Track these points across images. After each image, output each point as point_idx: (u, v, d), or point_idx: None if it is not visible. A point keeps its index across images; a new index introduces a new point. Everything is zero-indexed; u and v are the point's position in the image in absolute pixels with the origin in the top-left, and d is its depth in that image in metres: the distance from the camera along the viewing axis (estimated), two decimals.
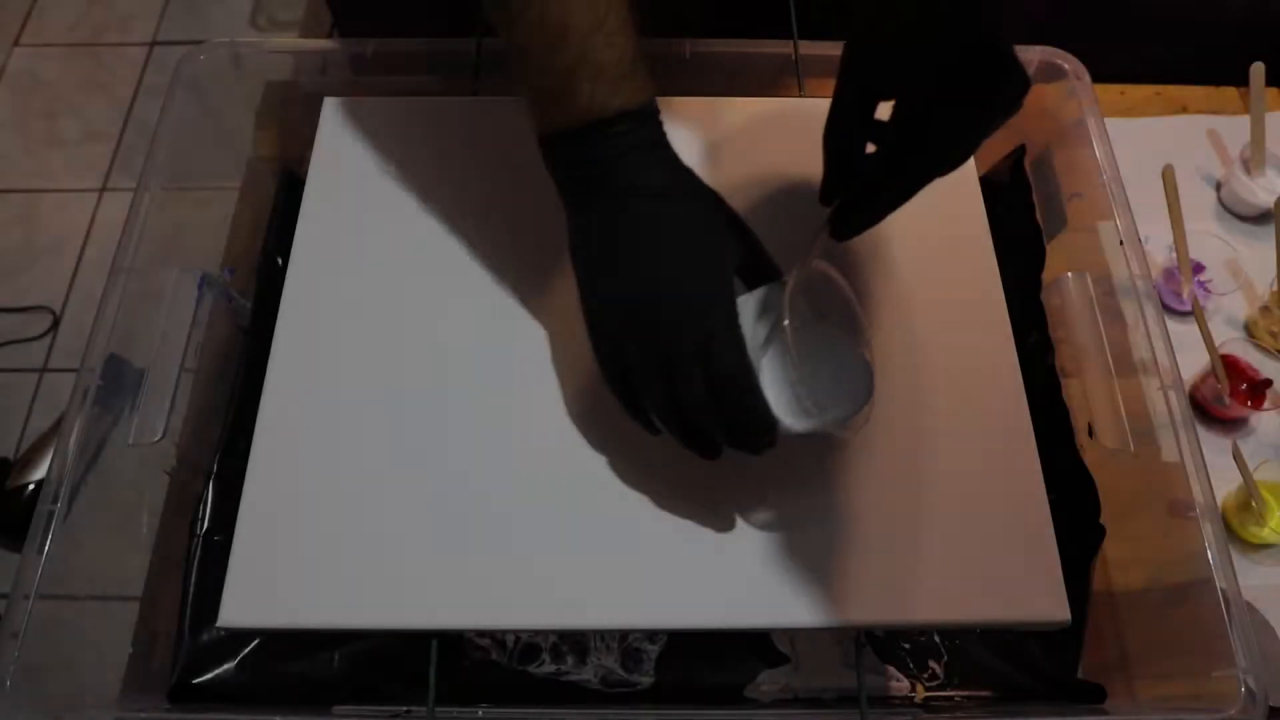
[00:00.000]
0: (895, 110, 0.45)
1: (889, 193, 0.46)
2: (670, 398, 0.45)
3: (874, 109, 0.46)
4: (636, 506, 0.52)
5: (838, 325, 0.50)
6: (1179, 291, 0.79)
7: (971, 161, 0.65)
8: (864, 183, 0.47)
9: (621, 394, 0.48)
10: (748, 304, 0.47)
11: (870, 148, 0.48)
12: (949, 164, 0.45)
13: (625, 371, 0.47)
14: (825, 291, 0.49)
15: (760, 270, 0.49)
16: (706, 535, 0.51)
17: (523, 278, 0.59)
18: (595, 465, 0.53)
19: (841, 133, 0.48)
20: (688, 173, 0.47)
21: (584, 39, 0.43)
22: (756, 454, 0.47)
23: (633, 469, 0.53)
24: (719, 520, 0.52)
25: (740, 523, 0.52)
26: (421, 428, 0.54)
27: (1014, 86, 0.42)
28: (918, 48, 0.43)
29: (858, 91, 0.46)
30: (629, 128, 0.45)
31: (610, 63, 0.44)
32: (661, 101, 0.61)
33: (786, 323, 0.45)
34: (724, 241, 0.47)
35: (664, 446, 0.54)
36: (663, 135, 0.47)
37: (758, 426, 0.45)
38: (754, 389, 0.45)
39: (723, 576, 0.50)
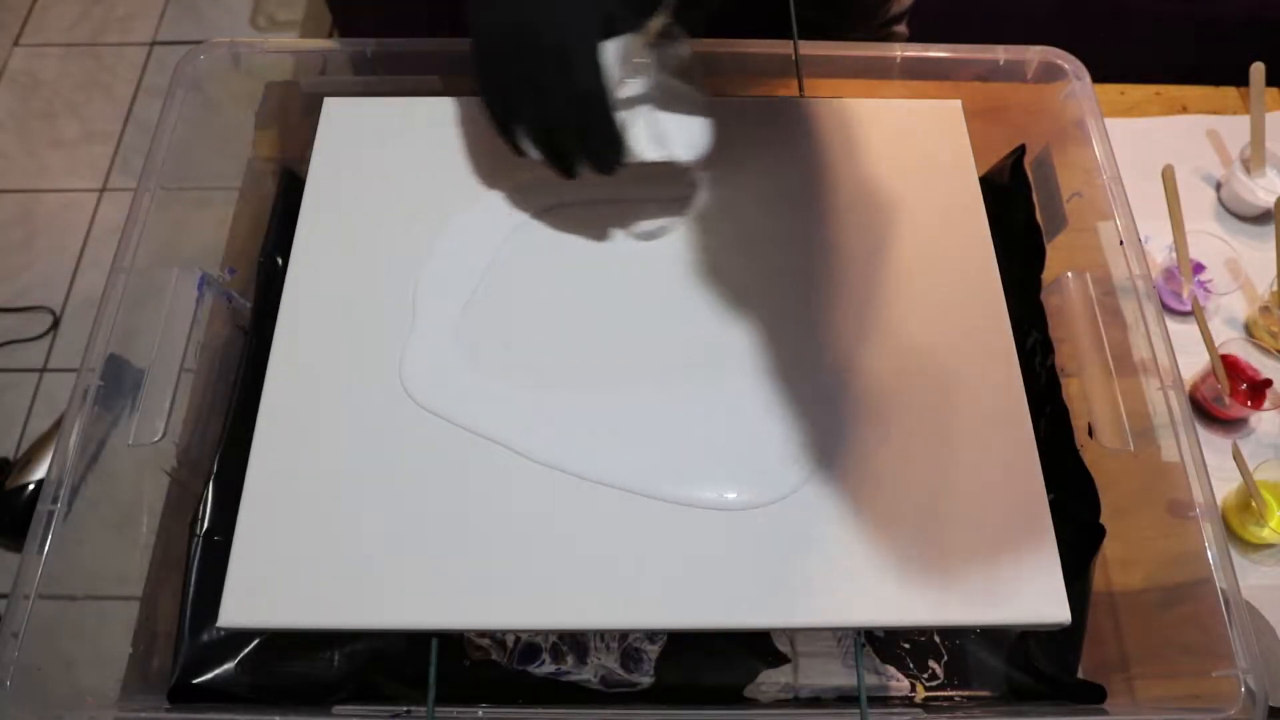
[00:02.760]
0: None
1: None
2: (536, 115, 0.52)
3: None
4: (637, 506, 0.52)
5: (677, 80, 0.57)
6: (1179, 291, 0.79)
7: (971, 161, 0.65)
8: None
9: (495, 114, 0.54)
10: (611, 45, 0.52)
11: None
12: None
13: (498, 91, 0.53)
14: (674, 52, 0.56)
15: (622, 22, 0.53)
16: (706, 535, 0.51)
17: (521, 275, 0.59)
18: (596, 464, 0.53)
19: None
20: None
21: None
22: (607, 173, 0.54)
23: (633, 468, 0.53)
24: (719, 520, 0.52)
25: (740, 523, 0.52)
26: (422, 427, 0.54)
27: None
28: None
29: None
30: None
31: None
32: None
33: (645, 60, 0.53)
34: None
35: (665, 445, 0.54)
36: None
37: (611, 141, 0.52)
38: (605, 106, 0.51)
39: (723, 576, 0.50)
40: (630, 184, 0.59)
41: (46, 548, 0.50)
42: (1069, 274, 0.63)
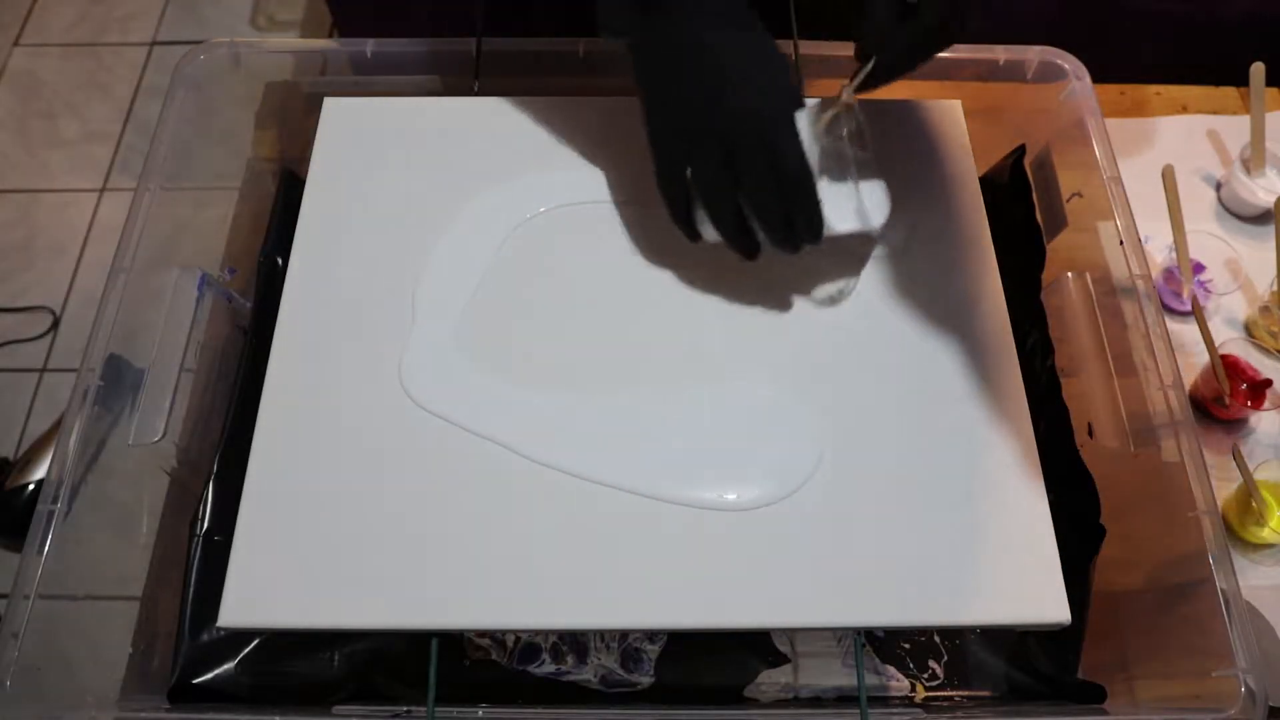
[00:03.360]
0: None
1: (899, 64, 0.50)
2: (729, 196, 0.50)
3: None
4: (637, 506, 0.52)
5: (853, 147, 0.56)
6: (1179, 291, 0.79)
7: (971, 161, 0.65)
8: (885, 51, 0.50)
9: (674, 201, 0.53)
10: (799, 117, 0.51)
11: None
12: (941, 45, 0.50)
13: (682, 178, 0.51)
14: (850, 121, 0.55)
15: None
16: (707, 535, 0.51)
17: (522, 275, 0.59)
18: (596, 464, 0.53)
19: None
20: (743, 3, 0.51)
21: None
22: (795, 251, 0.52)
23: (633, 468, 0.53)
24: (719, 520, 0.52)
25: (740, 523, 0.52)
26: (421, 427, 0.54)
27: None
28: None
29: None
30: None
31: None
32: None
33: (845, 132, 0.52)
34: (781, 66, 0.51)
35: (664, 445, 0.54)
36: None
37: (814, 220, 0.51)
38: (813, 185, 0.50)
39: (723, 576, 0.50)
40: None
41: (46, 548, 0.50)
42: (1069, 274, 0.63)
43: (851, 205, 0.53)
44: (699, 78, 0.50)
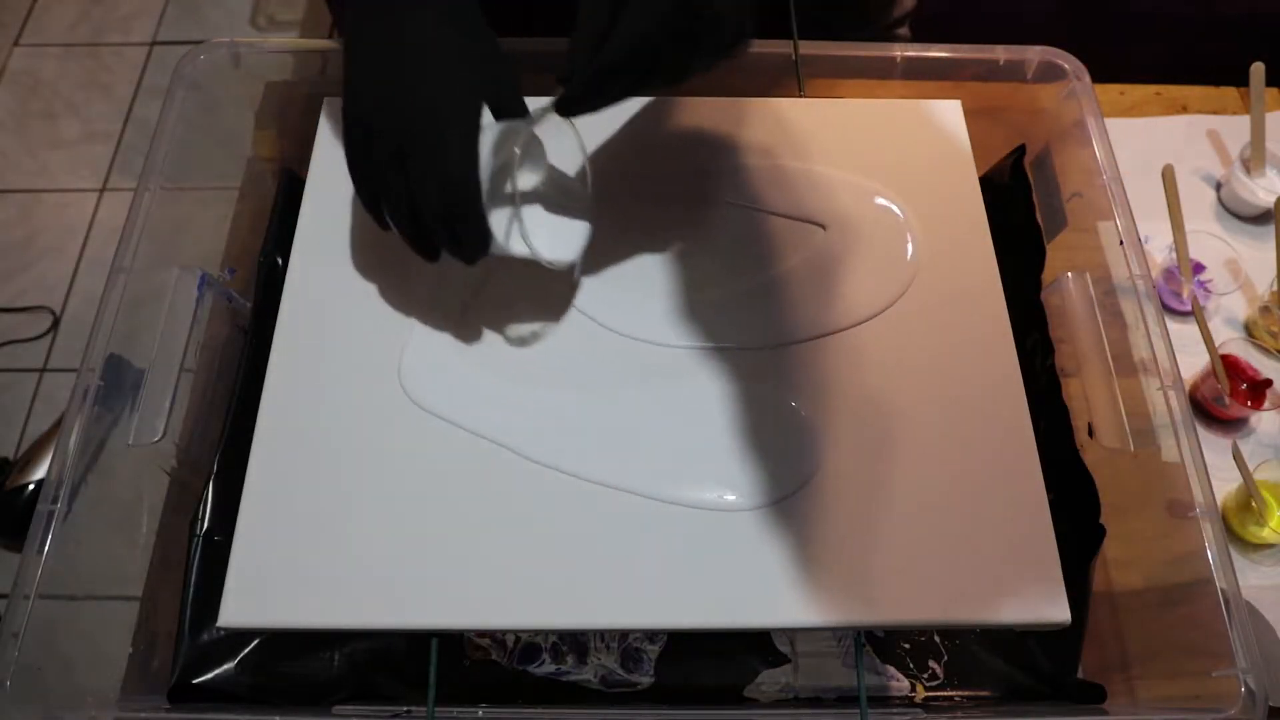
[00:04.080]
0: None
1: (588, 94, 0.48)
2: (402, 192, 0.49)
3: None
4: (637, 507, 0.52)
5: (565, 173, 0.56)
6: (1179, 291, 0.79)
7: (971, 161, 0.65)
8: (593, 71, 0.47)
9: (360, 184, 0.52)
10: (490, 132, 0.50)
11: None
12: (658, 85, 0.48)
13: (366, 162, 0.50)
14: (561, 141, 0.54)
15: (508, 108, 0.51)
16: (707, 535, 0.51)
17: (521, 275, 0.59)
18: (595, 465, 0.53)
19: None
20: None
21: None
22: (469, 263, 0.51)
23: (633, 468, 0.53)
24: (719, 520, 0.52)
25: (740, 523, 0.52)
26: (421, 427, 0.54)
27: (720, 38, 0.47)
28: None
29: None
30: None
31: None
32: (661, 102, 0.61)
33: (517, 150, 0.50)
34: (479, 68, 0.50)
35: (665, 445, 0.54)
36: None
37: (474, 234, 0.49)
38: (475, 196, 0.48)
39: (723, 576, 0.50)
40: (501, 274, 0.58)
41: (46, 548, 0.50)
42: (1069, 274, 0.63)
43: (532, 230, 0.52)
44: (387, 60, 0.49)
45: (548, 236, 0.53)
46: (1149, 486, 0.56)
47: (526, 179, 0.53)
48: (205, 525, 0.57)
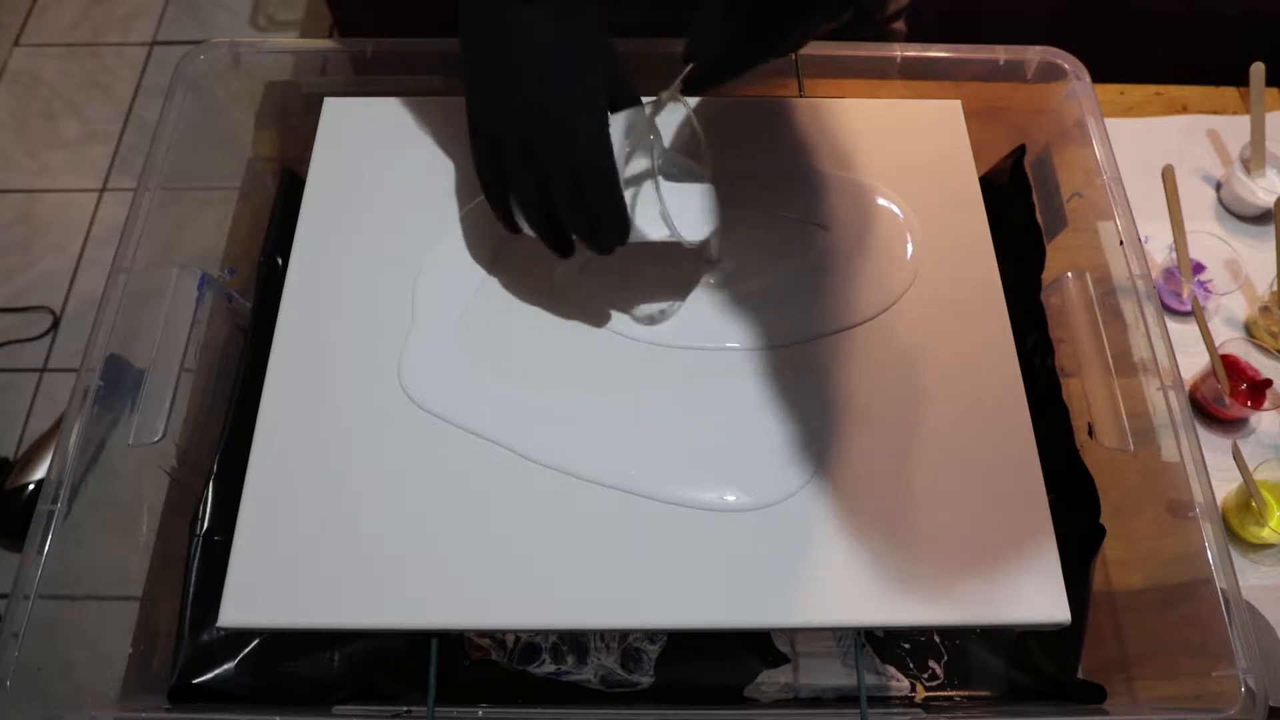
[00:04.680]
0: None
1: (731, 65, 0.50)
2: (534, 188, 0.49)
3: None
4: (637, 507, 0.52)
5: (686, 153, 0.56)
6: (1179, 291, 0.79)
7: (971, 161, 0.65)
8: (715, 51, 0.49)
9: (489, 186, 0.52)
10: (617, 119, 0.50)
11: None
12: (780, 51, 0.50)
13: (495, 162, 0.50)
14: (680, 124, 0.55)
15: (623, 97, 0.51)
16: (707, 535, 0.51)
17: (521, 276, 0.59)
18: (596, 465, 0.53)
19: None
20: None
21: None
22: (606, 252, 0.51)
23: (633, 468, 0.53)
24: (719, 520, 0.52)
25: (740, 523, 0.52)
26: (421, 427, 0.54)
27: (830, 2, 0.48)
28: None
29: None
30: None
31: None
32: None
33: (652, 137, 0.51)
34: (598, 58, 0.50)
35: (664, 445, 0.54)
36: None
37: (614, 220, 0.49)
38: (614, 183, 0.48)
39: (723, 576, 0.50)
40: (632, 263, 0.56)
41: (46, 548, 0.50)
42: (1069, 274, 0.63)
43: (664, 212, 0.52)
44: (506, 60, 0.49)
45: (682, 216, 0.53)
46: (1149, 486, 0.56)
47: (654, 163, 0.53)
48: (205, 525, 0.57)
